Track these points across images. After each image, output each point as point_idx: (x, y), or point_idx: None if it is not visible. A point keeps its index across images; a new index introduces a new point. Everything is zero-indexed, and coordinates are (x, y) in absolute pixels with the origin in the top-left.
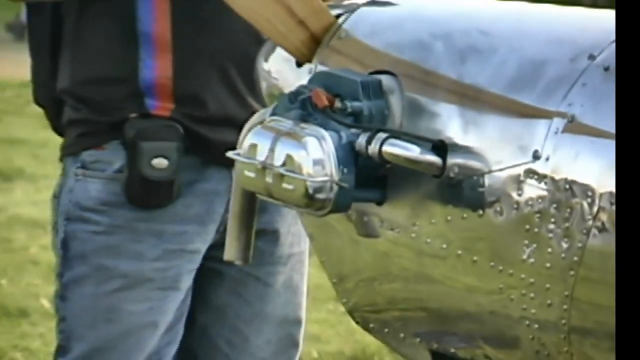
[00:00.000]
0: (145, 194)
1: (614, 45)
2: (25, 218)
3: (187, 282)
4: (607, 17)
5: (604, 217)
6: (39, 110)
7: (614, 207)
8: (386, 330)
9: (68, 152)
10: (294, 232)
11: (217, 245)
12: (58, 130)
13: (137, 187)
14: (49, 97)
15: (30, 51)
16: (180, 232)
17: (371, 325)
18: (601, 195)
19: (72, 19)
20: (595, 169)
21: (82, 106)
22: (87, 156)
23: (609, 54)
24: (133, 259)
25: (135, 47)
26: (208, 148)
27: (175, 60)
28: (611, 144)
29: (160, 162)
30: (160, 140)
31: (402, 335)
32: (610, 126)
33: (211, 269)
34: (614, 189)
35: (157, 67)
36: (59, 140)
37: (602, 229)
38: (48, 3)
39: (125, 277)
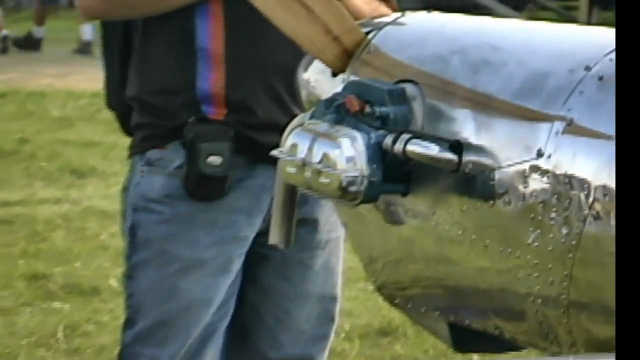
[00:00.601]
0: (202, 188)
1: (607, 57)
2: (96, 210)
3: (237, 265)
4: (600, 33)
5: (598, 207)
6: (109, 117)
7: (607, 199)
8: (409, 305)
9: (135, 151)
10: (331, 220)
11: (264, 233)
12: (127, 132)
13: (195, 181)
14: (119, 103)
15: (103, 63)
16: (231, 222)
17: (396, 301)
18: (596, 188)
19: (139, 36)
20: (590, 165)
21: (147, 112)
22: (151, 155)
23: (602, 65)
24: (191, 245)
25: (193, 61)
26: (255, 149)
27: (227, 72)
28: (605, 144)
29: (215, 160)
30: (214, 141)
31: (423, 309)
32: (604, 128)
33: (258, 254)
34: (607, 183)
35: (212, 79)
36: (125, 142)
37: (597, 217)
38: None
39: (184, 260)
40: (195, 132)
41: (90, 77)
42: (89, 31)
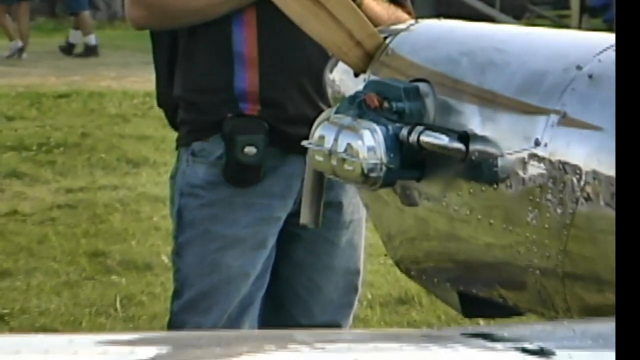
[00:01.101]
0: (239, 175)
1: (596, 58)
2: (149, 195)
3: (271, 242)
4: (589, 37)
5: (589, 189)
6: (160, 114)
7: (596, 182)
8: (424, 277)
9: (181, 144)
10: (354, 203)
11: (295, 214)
12: (174, 127)
13: (233, 170)
14: (167, 101)
15: (154, 66)
16: (266, 204)
17: (412, 274)
18: (587, 172)
19: (183, 42)
20: (582, 153)
21: (191, 109)
22: (195, 147)
23: (592, 65)
24: (230, 225)
25: (231, 64)
26: (287, 140)
27: (261, 73)
28: (594, 134)
29: (250, 151)
30: (250, 133)
31: (436, 280)
32: (593, 120)
33: (290, 233)
34: (596, 168)
35: (247, 79)
36: (174, 135)
37: (588, 199)
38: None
39: (224, 239)
40: (233, 126)
41: (144, 79)
42: (92, 38)
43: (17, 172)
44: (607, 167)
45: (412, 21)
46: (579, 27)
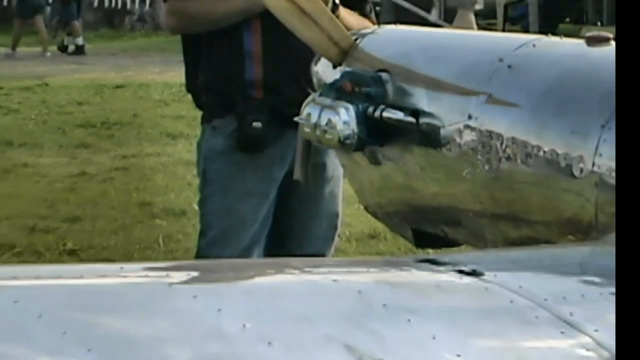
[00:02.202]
0: (248, 144)
1: (515, 52)
2: (184, 160)
3: (273, 194)
4: (509, 37)
5: (508, 151)
6: (191, 99)
7: (514, 145)
8: (387, 218)
9: (204, 121)
10: (334, 163)
11: (290, 173)
12: (199, 107)
13: (244, 140)
14: (194, 87)
15: (184, 62)
16: (269, 166)
17: (378, 215)
18: (507, 138)
19: (206, 43)
20: (503, 123)
21: (212, 93)
22: (215, 123)
23: (511, 57)
24: (242, 182)
25: (242, 60)
26: (284, 117)
27: (264, 67)
28: (512, 109)
29: (257, 125)
30: (256, 113)
31: (395, 220)
32: (511, 100)
33: (287, 186)
34: (514, 135)
35: (254, 71)
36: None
37: (508, 158)
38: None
39: (237, 191)
40: (244, 107)
41: (180, 73)
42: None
43: (85, 143)
44: (522, 134)
45: (376, 27)
46: (503, 32)
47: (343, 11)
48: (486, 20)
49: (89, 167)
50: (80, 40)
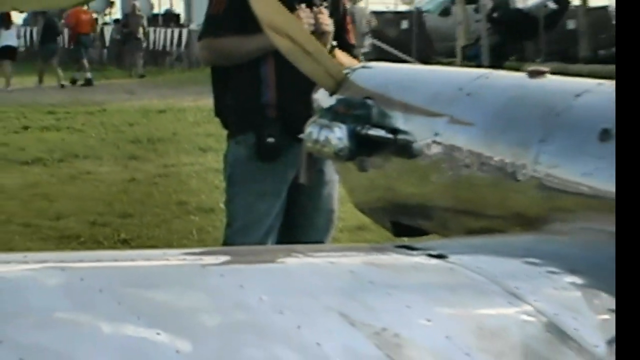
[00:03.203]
0: (265, 155)
1: (474, 82)
2: (213, 168)
3: (284, 194)
4: (468, 71)
5: (467, 160)
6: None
7: (472, 156)
8: (372, 213)
9: (230, 136)
10: (331, 170)
11: (297, 177)
12: (226, 127)
13: (261, 151)
14: (221, 112)
15: (212, 89)
16: (281, 171)
17: (365, 211)
18: (466, 151)
19: (230, 73)
20: (462, 139)
21: (236, 114)
22: (239, 138)
23: (470, 86)
24: (260, 183)
25: (260, 87)
26: (292, 133)
27: (277, 91)
28: (469, 128)
29: (271, 140)
30: (271, 129)
31: (378, 215)
32: (468, 120)
33: (295, 187)
34: (471, 148)
35: (269, 97)
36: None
37: (467, 166)
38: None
39: (256, 192)
40: (261, 125)
41: (209, 101)
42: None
43: (135, 155)
44: (477, 147)
45: (363, 63)
46: (462, 67)
47: (338, 52)
48: (448, 58)
49: (137, 174)
50: (88, 75)
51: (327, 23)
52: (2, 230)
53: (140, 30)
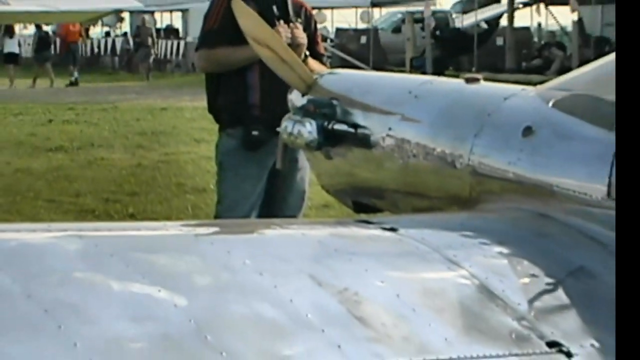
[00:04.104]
0: (250, 145)
1: (421, 86)
2: (205, 156)
3: (265, 177)
4: (416, 77)
5: (415, 151)
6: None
7: (418, 147)
8: (336, 193)
9: (221, 130)
10: (302, 158)
11: (274, 163)
12: (217, 122)
13: (247, 142)
14: (213, 109)
15: (206, 91)
16: (263, 159)
17: (330, 192)
18: (413, 142)
19: (221, 79)
20: (411, 133)
21: (227, 112)
22: (228, 131)
23: (417, 90)
24: (245, 168)
25: (246, 90)
26: (273, 127)
27: (261, 94)
28: (416, 124)
29: (255, 133)
30: (256, 124)
31: (342, 195)
32: (416, 118)
33: (273, 172)
34: (418, 141)
35: (254, 97)
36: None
37: (415, 156)
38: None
39: (243, 175)
40: (248, 121)
41: (203, 101)
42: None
43: (141, 145)
44: (423, 140)
45: (330, 70)
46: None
47: (311, 60)
48: (398, 68)
49: (143, 161)
50: (76, 75)
51: (302, 37)
52: (31, 205)
53: (150, 39)
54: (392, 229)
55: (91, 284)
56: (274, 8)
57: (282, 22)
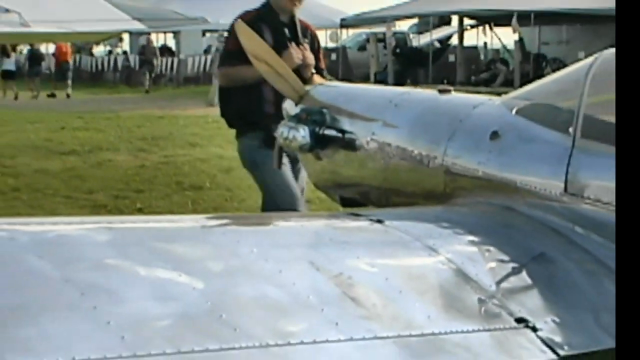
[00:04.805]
0: (269, 143)
1: (399, 97)
2: (200, 158)
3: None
4: (395, 89)
5: (393, 152)
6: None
7: (398, 149)
8: (326, 190)
9: (240, 135)
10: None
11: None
12: (230, 127)
13: (267, 140)
14: (226, 115)
15: (219, 100)
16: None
17: (321, 188)
18: (393, 146)
19: (240, 91)
20: (391, 137)
21: (245, 121)
22: (249, 134)
23: (397, 99)
24: (268, 162)
25: (262, 101)
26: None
27: (275, 106)
28: (395, 129)
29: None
30: (269, 130)
31: (331, 190)
32: (395, 124)
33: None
34: (397, 144)
35: (269, 108)
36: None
37: (393, 157)
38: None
39: (268, 168)
40: (266, 126)
41: (195, 110)
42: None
43: (143, 149)
44: (402, 143)
45: (319, 82)
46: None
47: (315, 76)
48: (364, 81)
49: (145, 162)
50: (69, 91)
51: (311, 57)
52: (50, 201)
53: (153, 57)
54: (379, 221)
55: (120, 269)
56: (286, 31)
57: (293, 44)
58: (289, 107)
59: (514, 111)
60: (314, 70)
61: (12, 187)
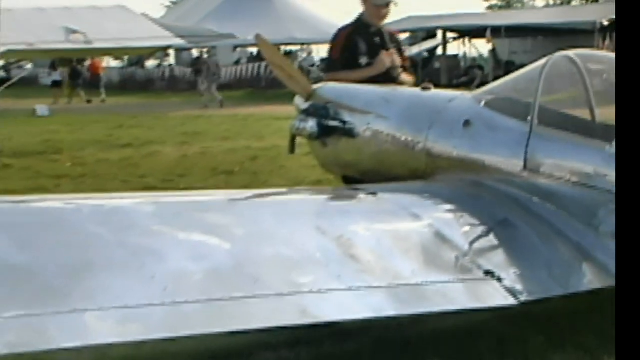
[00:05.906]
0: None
1: (390, 92)
2: (229, 149)
3: None
4: (394, 87)
5: (388, 139)
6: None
7: (389, 136)
8: (330, 170)
9: None
10: None
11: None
12: None
13: None
14: None
15: None
16: None
17: (327, 169)
18: (387, 134)
19: None
20: (383, 127)
21: None
22: None
23: (388, 96)
24: None
25: None
26: None
27: None
28: (386, 120)
29: None
30: None
31: (334, 171)
32: (386, 116)
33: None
34: (390, 132)
35: None
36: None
37: (387, 143)
38: None
39: None
40: None
41: (186, 111)
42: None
43: (185, 142)
44: (392, 131)
45: (324, 82)
46: None
47: (403, 74)
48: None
49: (187, 152)
50: (103, 97)
51: (398, 60)
52: (110, 185)
53: (216, 68)
54: (373, 193)
55: (163, 234)
56: (377, 40)
57: (383, 51)
58: (299, 103)
59: (482, 104)
60: (400, 70)
61: (80, 173)
